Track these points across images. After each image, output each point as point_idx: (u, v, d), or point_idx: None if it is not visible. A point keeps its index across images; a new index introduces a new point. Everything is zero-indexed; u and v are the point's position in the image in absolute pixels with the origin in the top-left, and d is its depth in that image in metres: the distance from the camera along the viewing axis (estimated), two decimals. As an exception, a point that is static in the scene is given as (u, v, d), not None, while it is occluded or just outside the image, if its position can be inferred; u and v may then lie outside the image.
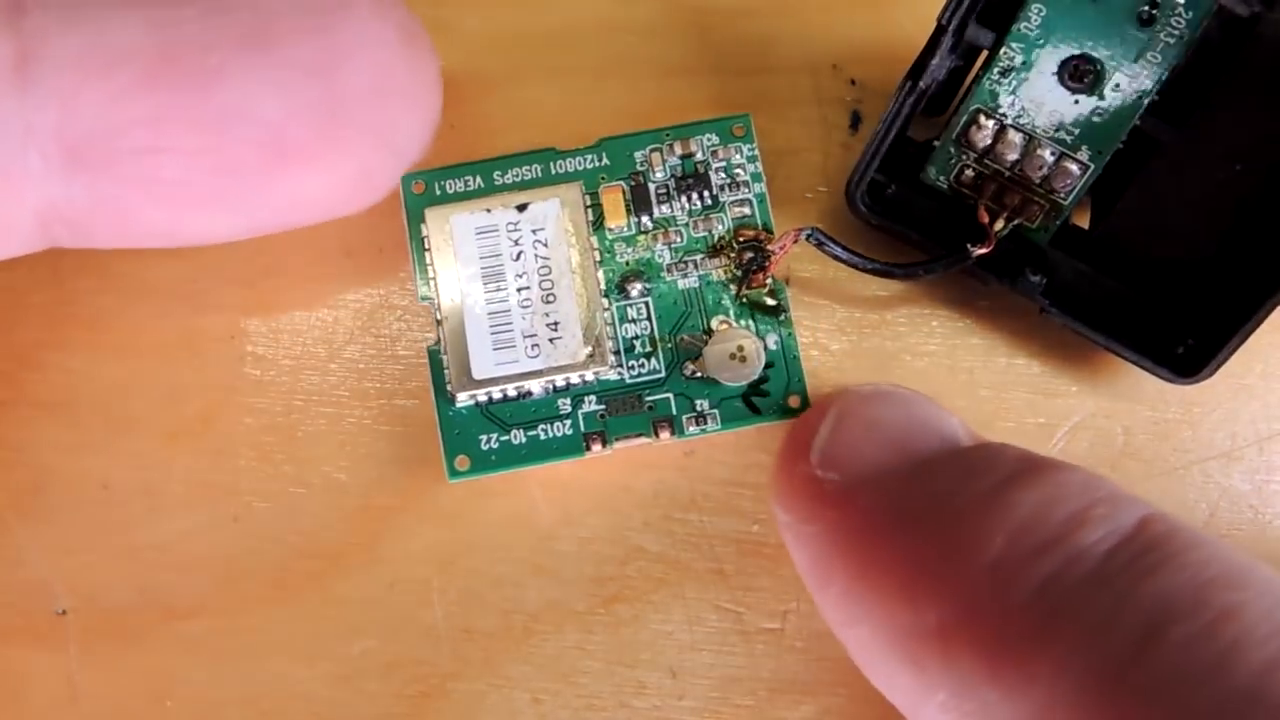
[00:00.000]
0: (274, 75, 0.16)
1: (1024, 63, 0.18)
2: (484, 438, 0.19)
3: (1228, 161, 0.18)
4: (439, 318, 0.18)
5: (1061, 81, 0.18)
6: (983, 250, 0.19)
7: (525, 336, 0.18)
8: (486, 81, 0.22)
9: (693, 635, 0.20)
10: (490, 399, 0.18)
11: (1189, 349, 0.19)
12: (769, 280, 0.19)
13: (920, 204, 0.20)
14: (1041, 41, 0.18)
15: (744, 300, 0.19)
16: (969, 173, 0.19)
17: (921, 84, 0.19)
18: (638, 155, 0.19)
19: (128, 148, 0.16)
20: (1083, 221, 0.20)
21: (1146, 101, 0.18)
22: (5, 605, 0.20)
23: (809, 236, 0.19)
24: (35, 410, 0.21)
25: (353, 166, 0.17)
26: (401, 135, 0.18)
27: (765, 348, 0.19)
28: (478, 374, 0.18)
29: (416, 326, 0.21)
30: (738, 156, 0.19)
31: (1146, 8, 0.17)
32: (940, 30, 0.18)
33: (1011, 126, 0.18)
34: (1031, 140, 0.18)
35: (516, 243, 0.18)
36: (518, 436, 0.19)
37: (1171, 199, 0.19)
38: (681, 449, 0.20)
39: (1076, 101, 0.18)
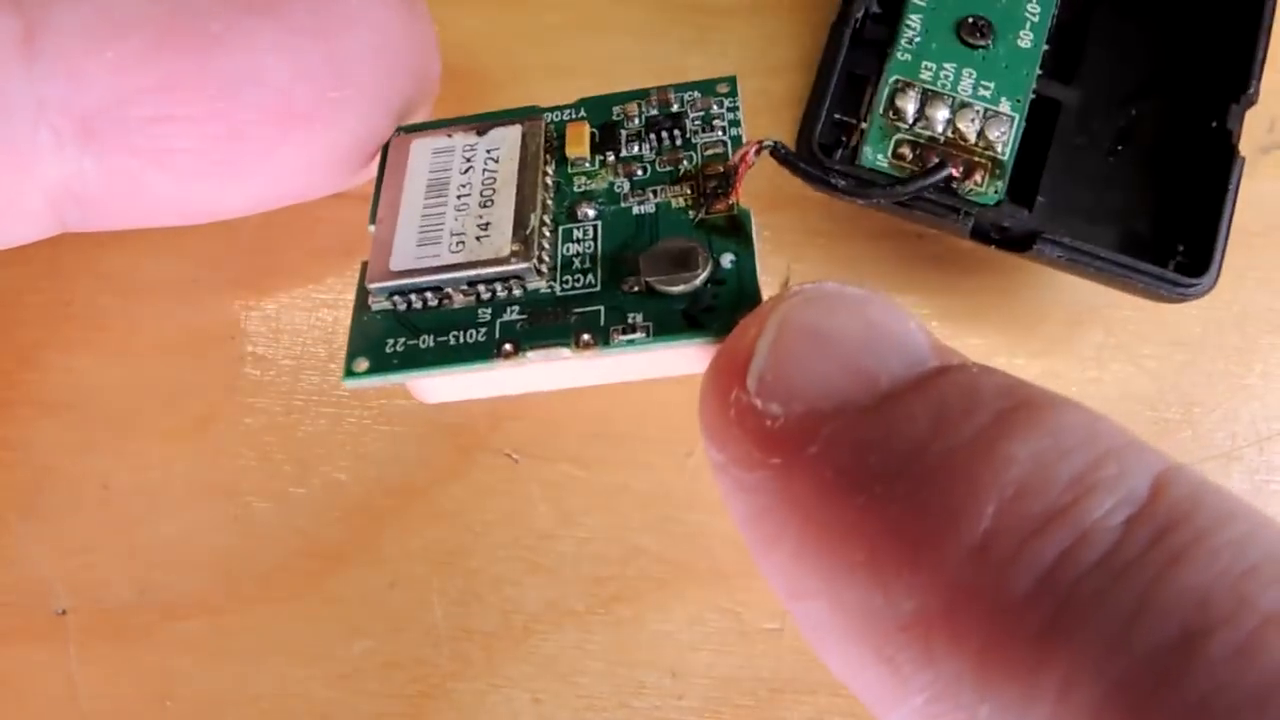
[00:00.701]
0: (278, 39, 0.16)
1: (926, 30, 0.20)
2: (390, 341, 0.16)
3: (1129, 102, 0.20)
4: (373, 231, 0.17)
5: (963, 41, 0.20)
6: (956, 170, 0.19)
7: (453, 234, 0.17)
8: (487, 81, 0.22)
9: (693, 635, 0.20)
10: (409, 306, 0.17)
11: (1185, 253, 0.19)
12: (733, 205, 0.17)
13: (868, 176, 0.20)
14: (935, 9, 0.20)
15: (703, 225, 0.17)
16: (905, 149, 0.20)
17: (849, 29, 0.20)
18: (615, 108, 0.18)
19: (137, 116, 0.16)
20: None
21: (1042, 44, 0.20)
22: (5, 605, 0.20)
23: (772, 150, 0.17)
24: (35, 410, 0.21)
25: (355, 131, 0.18)
26: (401, 99, 0.18)
27: (717, 264, 0.16)
28: (395, 265, 0.16)
29: (416, 326, 0.21)
30: (717, 108, 0.18)
31: None
32: (837, 35, 0.20)
33: (932, 91, 0.20)
34: (954, 99, 0.20)
35: (468, 160, 0.18)
36: (426, 341, 0.16)
37: (1091, 152, 0.20)
38: (682, 449, 0.20)
39: (983, 58, 0.20)
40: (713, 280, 0.16)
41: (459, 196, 0.17)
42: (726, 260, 0.16)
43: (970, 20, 0.20)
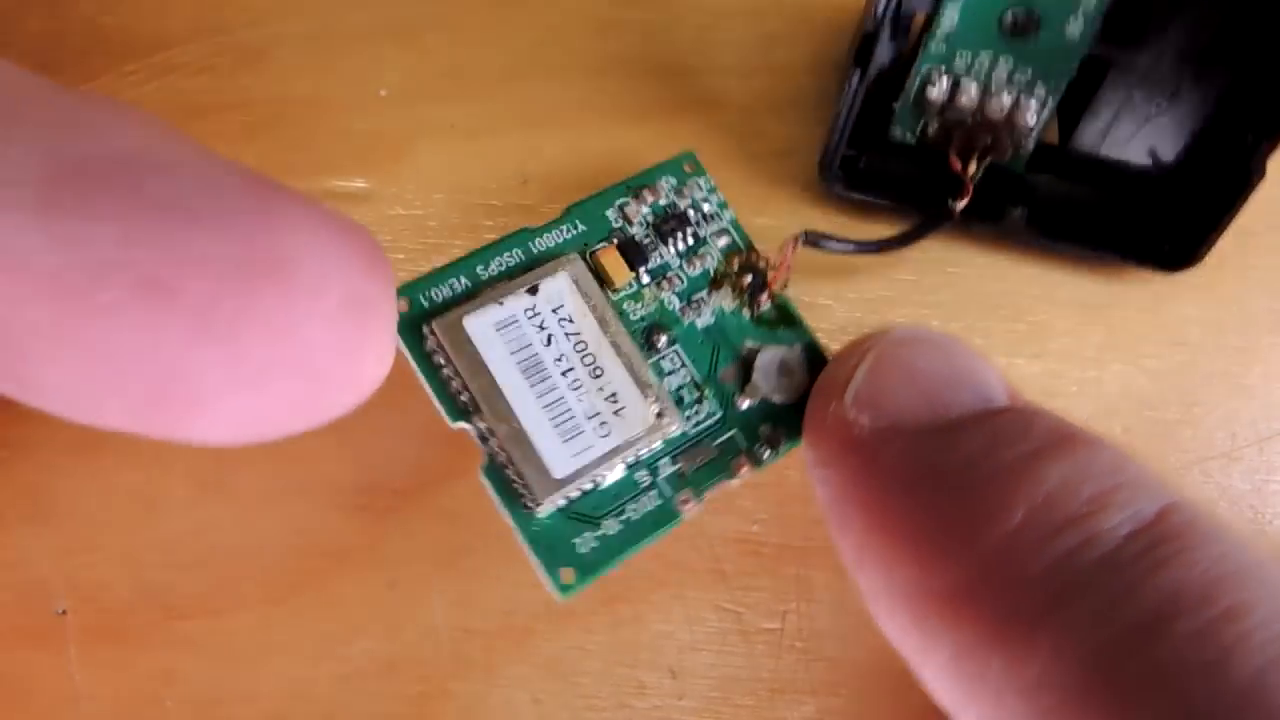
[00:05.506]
0: (169, 322, 0.13)
1: (964, 21, 0.19)
2: (578, 541, 0.17)
3: (1182, 68, 0.19)
4: (485, 432, 0.17)
5: (1003, 32, 0.19)
6: (963, 202, 0.19)
7: (588, 418, 0.17)
8: (486, 79, 0.22)
9: (693, 635, 0.20)
10: (570, 498, 0.17)
11: (1175, 246, 0.20)
12: (774, 295, 0.19)
13: (894, 165, 0.20)
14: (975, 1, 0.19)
15: (758, 322, 0.18)
16: (933, 126, 0.20)
17: (870, 71, 0.19)
18: (609, 214, 0.19)
19: (22, 344, 0.13)
20: (1054, 139, 0.21)
21: (1092, 33, 0.18)
22: (5, 605, 0.20)
23: (804, 240, 0.19)
24: (35, 410, 0.21)
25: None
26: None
27: (801, 355, 0.18)
28: (558, 473, 0.16)
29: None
30: (699, 192, 0.19)
31: None
32: (878, 22, 0.19)
33: (965, 78, 0.19)
34: (987, 88, 0.19)
35: (542, 327, 0.17)
36: (611, 527, 0.17)
37: (1133, 110, 0.20)
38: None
39: (1023, 48, 0.19)
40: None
41: (564, 373, 0.17)
42: (800, 350, 0.18)
43: (1013, 16, 0.18)
